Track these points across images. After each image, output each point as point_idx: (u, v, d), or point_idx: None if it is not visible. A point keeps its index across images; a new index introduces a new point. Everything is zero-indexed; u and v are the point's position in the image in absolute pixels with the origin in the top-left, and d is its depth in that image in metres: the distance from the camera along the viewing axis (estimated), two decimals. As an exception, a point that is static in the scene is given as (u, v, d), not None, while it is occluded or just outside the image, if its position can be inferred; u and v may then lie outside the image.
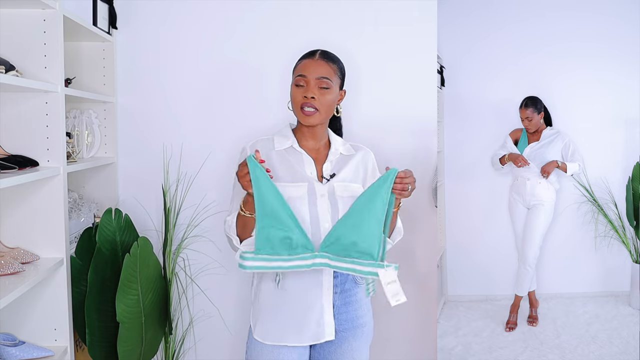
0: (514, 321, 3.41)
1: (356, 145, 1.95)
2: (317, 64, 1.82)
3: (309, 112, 1.80)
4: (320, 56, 1.84)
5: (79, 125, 2.48)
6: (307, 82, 1.80)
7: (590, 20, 3.42)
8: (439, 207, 2.87)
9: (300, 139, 1.88)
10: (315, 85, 1.80)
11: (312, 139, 1.88)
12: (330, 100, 1.82)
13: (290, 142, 1.86)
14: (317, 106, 1.79)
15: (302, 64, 1.84)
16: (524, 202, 3.40)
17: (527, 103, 3.35)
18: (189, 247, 2.64)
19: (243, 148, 1.88)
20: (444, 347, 3.15)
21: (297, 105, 1.81)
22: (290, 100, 1.85)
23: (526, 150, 3.38)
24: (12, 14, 2.02)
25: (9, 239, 2.09)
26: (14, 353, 1.96)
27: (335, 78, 1.84)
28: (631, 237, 3.47)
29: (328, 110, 1.83)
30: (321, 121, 1.83)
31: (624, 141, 3.50)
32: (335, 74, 1.84)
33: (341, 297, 1.83)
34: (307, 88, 1.80)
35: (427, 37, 2.60)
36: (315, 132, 1.87)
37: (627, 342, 3.21)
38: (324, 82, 1.80)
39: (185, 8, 2.63)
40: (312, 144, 1.88)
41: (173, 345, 2.62)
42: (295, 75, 1.84)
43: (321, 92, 1.80)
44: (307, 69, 1.82)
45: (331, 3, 2.60)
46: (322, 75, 1.81)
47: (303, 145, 1.87)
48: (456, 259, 3.51)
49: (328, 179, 1.83)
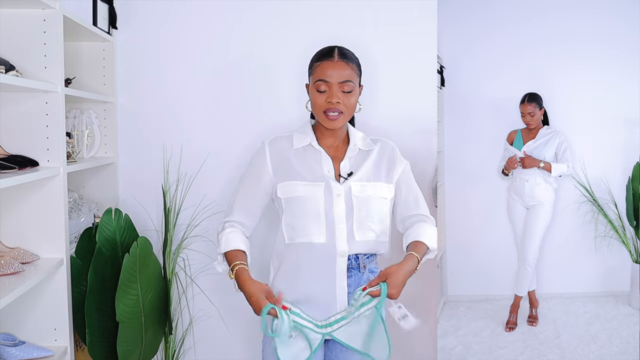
0: (514, 321, 3.41)
1: (376, 138, 1.91)
2: (338, 66, 1.77)
3: (333, 117, 1.77)
4: (340, 57, 1.79)
5: (79, 125, 2.48)
6: (330, 86, 1.76)
7: (590, 20, 3.42)
8: (439, 207, 2.87)
9: (320, 137, 1.85)
10: (339, 90, 1.76)
11: (332, 136, 1.86)
12: (354, 102, 1.80)
13: (309, 139, 1.83)
14: (342, 109, 1.77)
15: (321, 67, 1.79)
16: (523, 202, 3.40)
17: (528, 98, 3.35)
18: (189, 247, 2.64)
19: (262, 142, 1.87)
20: (444, 347, 3.15)
21: (320, 109, 1.78)
22: (309, 101, 1.83)
23: (523, 148, 3.38)
24: (12, 14, 2.02)
25: (9, 239, 2.09)
26: (14, 353, 1.96)
27: (355, 78, 1.80)
28: (631, 237, 3.47)
29: (351, 111, 1.81)
30: (345, 122, 1.82)
31: (624, 141, 3.50)
32: (355, 73, 1.81)
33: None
34: (330, 93, 1.76)
35: (427, 37, 2.60)
36: (335, 131, 1.85)
37: (627, 342, 3.21)
38: (348, 85, 1.77)
39: (185, 8, 2.63)
40: (331, 141, 1.86)
41: (173, 345, 2.62)
42: (315, 79, 1.79)
43: (345, 95, 1.77)
44: (328, 73, 1.76)
45: (331, 3, 2.59)
46: (345, 78, 1.77)
47: (322, 143, 1.85)
48: (456, 259, 3.51)
49: (346, 178, 1.80)
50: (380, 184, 1.83)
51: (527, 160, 3.33)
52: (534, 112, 3.35)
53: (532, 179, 3.38)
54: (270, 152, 1.85)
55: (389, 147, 1.90)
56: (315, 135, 1.85)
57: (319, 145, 1.84)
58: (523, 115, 3.37)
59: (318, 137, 1.85)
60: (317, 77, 1.78)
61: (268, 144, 1.85)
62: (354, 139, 1.87)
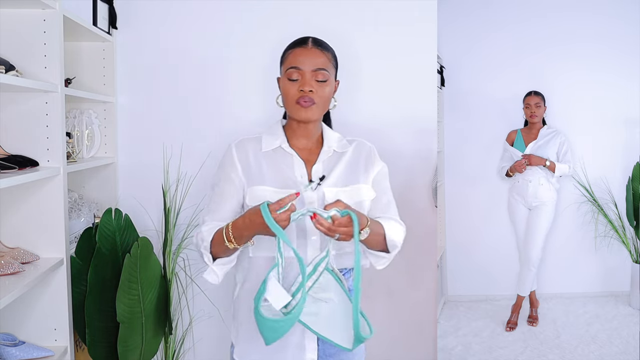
0: (514, 321, 3.41)
1: (352, 139, 1.74)
2: (312, 53, 1.61)
3: (306, 104, 1.59)
4: (314, 44, 1.63)
5: (79, 125, 2.48)
6: (302, 74, 1.60)
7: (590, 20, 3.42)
8: (439, 207, 2.87)
9: (291, 137, 1.67)
10: (312, 78, 1.60)
11: (304, 136, 1.67)
12: (328, 92, 1.63)
13: (279, 141, 1.65)
14: (315, 99, 1.60)
15: (293, 54, 1.63)
16: (526, 203, 3.40)
17: (535, 92, 3.35)
18: (189, 247, 2.64)
19: (229, 146, 1.69)
20: (444, 347, 3.15)
21: (292, 99, 1.60)
22: (280, 95, 1.67)
23: (527, 149, 3.38)
24: (12, 14, 2.02)
25: (9, 239, 2.09)
26: (14, 353, 1.96)
27: (331, 68, 1.64)
28: (631, 237, 3.47)
29: (326, 104, 1.64)
30: (319, 116, 1.64)
31: (624, 141, 3.50)
32: (330, 63, 1.64)
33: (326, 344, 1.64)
34: (303, 81, 1.60)
35: (427, 37, 2.60)
36: (308, 129, 1.67)
37: (627, 342, 3.20)
38: (322, 73, 1.61)
39: (185, 8, 2.63)
40: (303, 142, 1.68)
41: (173, 345, 2.62)
42: (287, 67, 1.63)
43: (319, 84, 1.60)
44: (300, 60, 1.61)
45: (331, 3, 2.60)
46: (318, 66, 1.60)
47: (293, 145, 1.66)
48: (456, 259, 3.51)
49: (319, 183, 1.62)
50: (359, 186, 1.66)
51: (533, 158, 3.33)
52: (540, 104, 3.34)
53: (536, 179, 3.37)
54: (238, 155, 1.65)
55: (365, 147, 1.73)
56: (286, 137, 1.67)
57: (291, 147, 1.65)
58: (528, 107, 3.35)
59: (289, 138, 1.67)
60: (289, 64, 1.62)
61: (235, 146, 1.67)
62: (329, 140, 1.69)
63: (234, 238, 1.51)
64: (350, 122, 2.60)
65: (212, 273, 1.60)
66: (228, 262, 1.59)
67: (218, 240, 1.55)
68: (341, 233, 1.44)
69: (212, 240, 1.57)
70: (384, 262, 1.66)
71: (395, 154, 2.59)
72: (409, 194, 2.63)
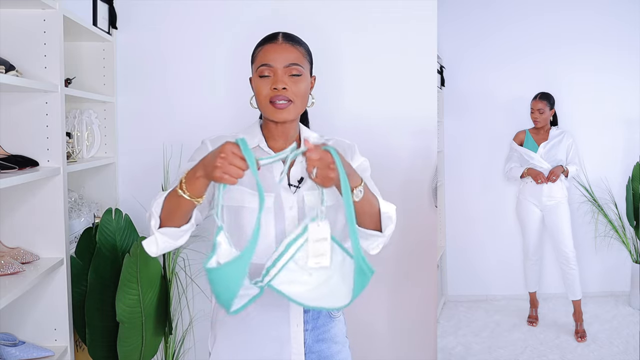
0: (535, 315, 3.42)
1: (330, 138, 1.62)
2: (283, 48, 1.51)
3: (281, 104, 1.48)
4: (285, 39, 1.53)
5: (79, 125, 2.48)
6: (274, 71, 1.49)
7: (590, 20, 3.43)
8: (439, 207, 2.87)
9: (268, 138, 1.56)
10: (285, 74, 1.49)
11: (282, 137, 1.56)
12: (304, 88, 1.51)
13: (256, 140, 1.55)
14: (290, 97, 1.49)
15: (263, 51, 1.53)
16: (540, 204, 3.35)
17: (540, 96, 3.34)
18: (189, 247, 2.64)
19: (202, 141, 1.59)
20: (444, 347, 3.15)
21: (265, 99, 1.49)
22: (253, 95, 1.55)
23: (539, 151, 3.36)
24: (12, 14, 2.02)
25: (9, 239, 2.09)
26: (14, 353, 1.96)
27: (305, 63, 1.53)
28: (631, 237, 3.47)
29: (303, 102, 1.52)
30: (296, 116, 1.52)
31: (624, 141, 3.51)
32: (304, 57, 1.54)
33: (313, 334, 1.55)
34: (275, 78, 1.48)
35: (427, 36, 2.60)
36: (286, 130, 1.55)
37: (627, 342, 3.21)
38: (295, 68, 1.49)
39: (185, 8, 2.63)
40: (281, 143, 1.56)
41: (173, 345, 2.62)
42: (257, 65, 1.52)
43: (293, 80, 1.49)
44: (271, 56, 1.50)
45: (331, 3, 2.59)
46: (291, 61, 1.50)
47: (271, 146, 1.56)
48: (456, 259, 3.52)
49: (297, 186, 1.51)
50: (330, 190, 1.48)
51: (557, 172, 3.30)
52: (543, 110, 3.33)
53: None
54: None
55: (344, 145, 1.61)
56: (264, 137, 1.57)
57: (269, 148, 1.55)
58: (532, 111, 3.36)
59: (267, 139, 1.56)
60: (260, 62, 1.51)
61: (211, 142, 1.56)
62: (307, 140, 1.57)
63: (185, 181, 1.30)
64: (350, 121, 2.61)
65: (152, 242, 1.37)
66: (173, 236, 1.37)
67: (171, 196, 1.34)
68: (317, 164, 1.28)
69: (164, 200, 1.36)
70: (378, 244, 1.49)
71: (396, 154, 2.60)
72: (408, 194, 2.63)
